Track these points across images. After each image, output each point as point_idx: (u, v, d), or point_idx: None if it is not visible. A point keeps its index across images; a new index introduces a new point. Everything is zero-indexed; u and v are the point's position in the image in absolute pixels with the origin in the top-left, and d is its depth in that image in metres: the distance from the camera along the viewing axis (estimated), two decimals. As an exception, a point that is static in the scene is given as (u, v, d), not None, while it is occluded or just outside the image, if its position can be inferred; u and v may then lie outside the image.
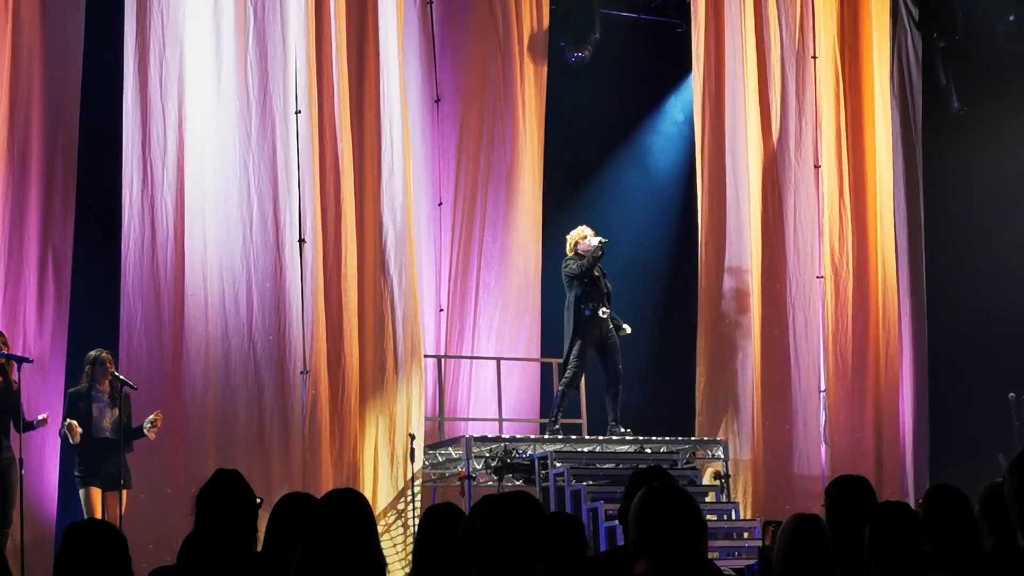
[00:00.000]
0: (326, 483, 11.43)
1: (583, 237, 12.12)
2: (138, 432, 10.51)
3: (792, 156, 13.95)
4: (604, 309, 12.06)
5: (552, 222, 13.48)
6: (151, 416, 10.49)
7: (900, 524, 4.55)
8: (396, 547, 11.53)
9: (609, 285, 12.21)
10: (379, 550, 4.21)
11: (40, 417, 10.13)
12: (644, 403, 13.85)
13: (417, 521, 9.07)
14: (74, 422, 10.17)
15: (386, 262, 12.22)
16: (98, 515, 10.02)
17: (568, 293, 12.15)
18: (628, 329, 12.35)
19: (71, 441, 10.17)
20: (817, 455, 13.53)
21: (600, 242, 12.02)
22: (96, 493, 10.27)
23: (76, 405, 10.39)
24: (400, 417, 12.07)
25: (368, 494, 11.39)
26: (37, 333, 10.99)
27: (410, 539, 11.42)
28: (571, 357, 12.09)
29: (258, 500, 4.61)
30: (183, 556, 4.57)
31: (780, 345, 13.67)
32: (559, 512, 6.07)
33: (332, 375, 11.84)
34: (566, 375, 12.15)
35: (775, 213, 13.85)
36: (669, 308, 14.93)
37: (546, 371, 13.33)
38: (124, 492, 10.35)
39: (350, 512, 4.15)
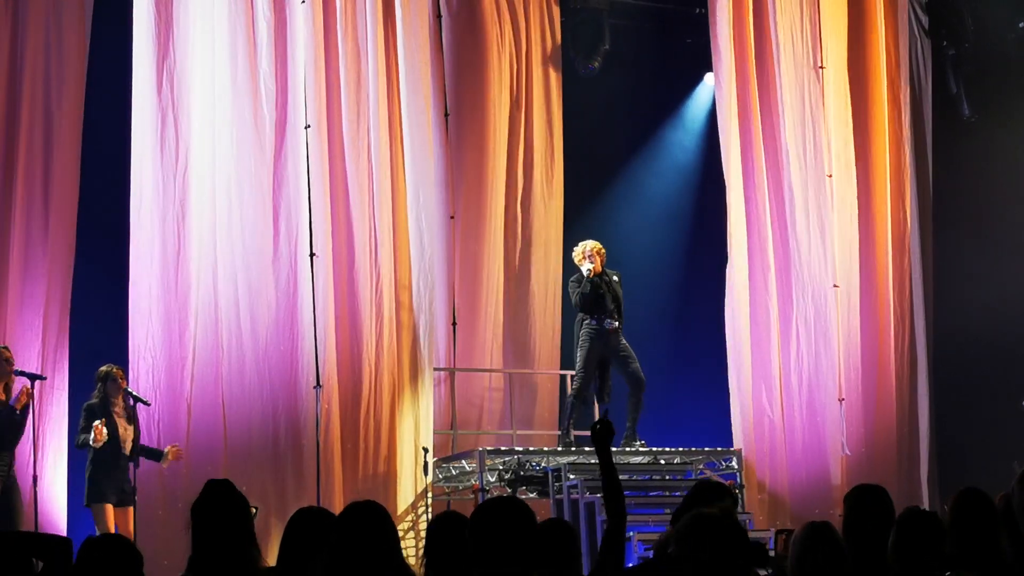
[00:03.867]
0: (339, 497, 11.42)
1: (583, 257, 12.03)
2: (154, 454, 10.52)
3: (803, 165, 13.93)
4: (610, 321, 11.99)
5: (567, 232, 13.48)
6: (171, 448, 10.56)
7: (923, 530, 4.55)
8: (409, 559, 11.51)
9: (619, 295, 12.06)
10: (403, 561, 4.19)
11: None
12: (658, 413, 13.82)
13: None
14: (99, 425, 10.14)
15: (397, 276, 12.22)
16: (111, 531, 10.01)
17: None
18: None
19: (92, 444, 10.14)
20: (837, 464, 13.49)
21: (589, 263, 11.94)
22: (110, 509, 10.26)
23: (94, 418, 10.36)
24: (412, 431, 12.07)
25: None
26: (40, 348, 10.98)
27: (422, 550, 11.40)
28: (578, 369, 12.05)
29: (253, 509, 4.57)
30: (190, 572, 4.53)
31: (798, 354, 13.64)
32: (554, 519, 6.11)
33: (344, 389, 11.83)
34: (573, 386, 12.12)
35: (787, 223, 13.84)
36: (686, 315, 14.89)
37: (564, 384, 13.30)
38: (131, 509, 10.36)
39: (372, 524, 4.14)
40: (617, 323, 11.98)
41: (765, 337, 13.52)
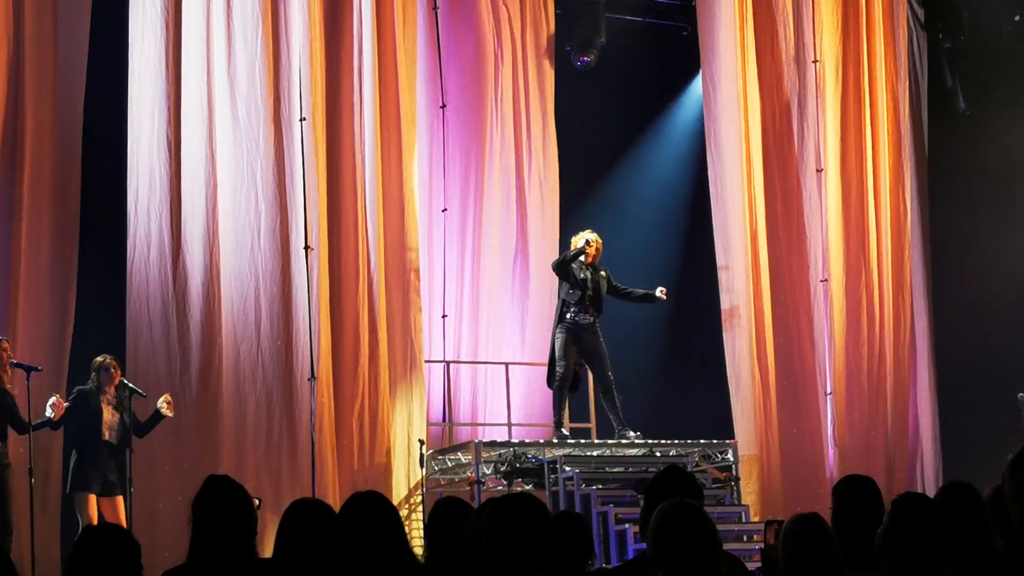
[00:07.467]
0: (334, 489, 11.44)
1: (581, 238, 12.02)
2: (156, 417, 10.48)
3: (795, 160, 13.95)
4: (586, 316, 11.94)
5: (562, 225, 13.49)
6: (161, 399, 10.50)
7: (919, 516, 4.53)
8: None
9: (601, 291, 12.03)
10: (411, 551, 4.17)
11: (48, 414, 10.12)
12: (653, 405, 13.83)
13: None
14: (59, 398, 10.15)
15: (390, 269, 12.23)
16: (94, 520, 10.00)
17: None
18: (660, 292, 12.21)
19: (49, 415, 10.09)
20: (833, 457, 13.52)
21: (585, 242, 11.91)
22: (92, 499, 10.22)
23: (86, 401, 10.34)
24: (406, 423, 12.08)
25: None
26: (40, 341, 10.99)
27: (415, 543, 11.42)
28: (557, 359, 11.99)
29: (256, 500, 4.58)
30: (189, 563, 4.55)
31: (788, 348, 13.67)
32: (565, 512, 6.07)
33: (338, 381, 11.85)
34: (556, 378, 12.01)
35: (780, 217, 13.86)
36: (678, 310, 14.91)
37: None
38: (120, 499, 10.34)
39: (374, 514, 4.11)
40: (592, 318, 11.92)
41: (760, 330, 13.54)
